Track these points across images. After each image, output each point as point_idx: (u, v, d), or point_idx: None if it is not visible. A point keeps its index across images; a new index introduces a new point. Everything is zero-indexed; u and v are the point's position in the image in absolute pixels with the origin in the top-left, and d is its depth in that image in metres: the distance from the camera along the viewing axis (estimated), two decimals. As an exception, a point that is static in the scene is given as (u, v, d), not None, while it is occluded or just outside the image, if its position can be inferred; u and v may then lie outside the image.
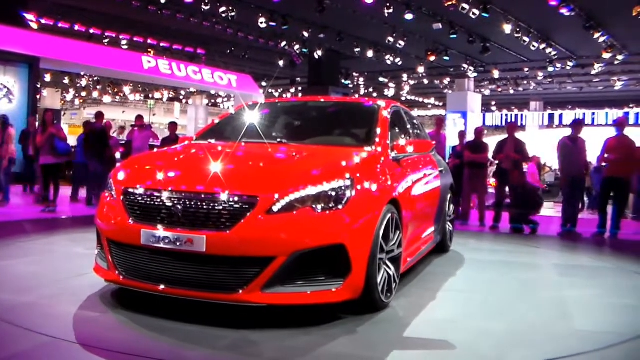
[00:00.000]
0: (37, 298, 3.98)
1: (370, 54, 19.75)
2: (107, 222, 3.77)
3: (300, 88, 29.41)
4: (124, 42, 20.68)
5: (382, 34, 17.51)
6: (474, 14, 14.44)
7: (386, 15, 14.75)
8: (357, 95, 30.22)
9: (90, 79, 29.10)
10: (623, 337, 3.61)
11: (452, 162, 10.69)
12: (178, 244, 3.35)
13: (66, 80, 28.40)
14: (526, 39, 17.03)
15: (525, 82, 27.31)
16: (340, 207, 3.47)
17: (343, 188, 3.53)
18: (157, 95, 35.03)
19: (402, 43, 17.92)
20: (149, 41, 21.05)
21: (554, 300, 4.59)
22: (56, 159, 9.66)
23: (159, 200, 3.52)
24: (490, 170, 11.65)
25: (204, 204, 3.40)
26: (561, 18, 14.50)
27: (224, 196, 3.38)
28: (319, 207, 3.42)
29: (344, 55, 22.14)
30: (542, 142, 25.70)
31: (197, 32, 18.93)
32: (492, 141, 10.42)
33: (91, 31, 19.79)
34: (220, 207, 3.37)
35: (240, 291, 3.30)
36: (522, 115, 34.93)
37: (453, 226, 6.87)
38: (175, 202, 3.45)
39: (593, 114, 31.14)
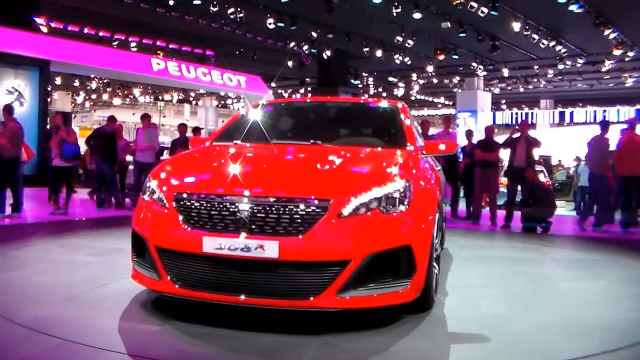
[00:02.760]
0: (73, 310, 3.76)
1: (379, 53, 19.72)
2: (155, 229, 3.55)
3: (309, 88, 29.42)
4: (133, 44, 20.82)
5: (391, 33, 17.48)
6: (482, 12, 14.39)
7: (394, 14, 14.73)
8: (366, 95, 30.20)
9: (100, 82, 29.29)
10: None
11: (463, 162, 10.63)
12: (247, 251, 3.23)
13: (76, 83, 28.63)
14: (535, 36, 16.94)
15: (535, 80, 27.17)
16: (403, 208, 3.46)
17: (404, 189, 3.52)
18: (167, 97, 35.18)
19: (411, 42, 17.89)
20: (158, 43, 21.18)
21: (574, 292, 4.72)
22: (65, 162, 9.67)
23: (221, 205, 3.36)
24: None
25: (274, 208, 3.28)
26: (571, 15, 14.42)
27: (296, 201, 3.29)
28: (385, 209, 3.41)
29: (352, 55, 22.13)
30: (553, 140, 25.54)
31: (206, 33, 19.00)
32: (502, 140, 10.35)
33: (100, 34, 19.95)
34: (293, 212, 3.27)
35: (316, 297, 3.23)
36: (532, 113, 34.72)
37: (445, 223, 6.95)
38: (241, 207, 3.32)
39: (604, 111, 30.87)
